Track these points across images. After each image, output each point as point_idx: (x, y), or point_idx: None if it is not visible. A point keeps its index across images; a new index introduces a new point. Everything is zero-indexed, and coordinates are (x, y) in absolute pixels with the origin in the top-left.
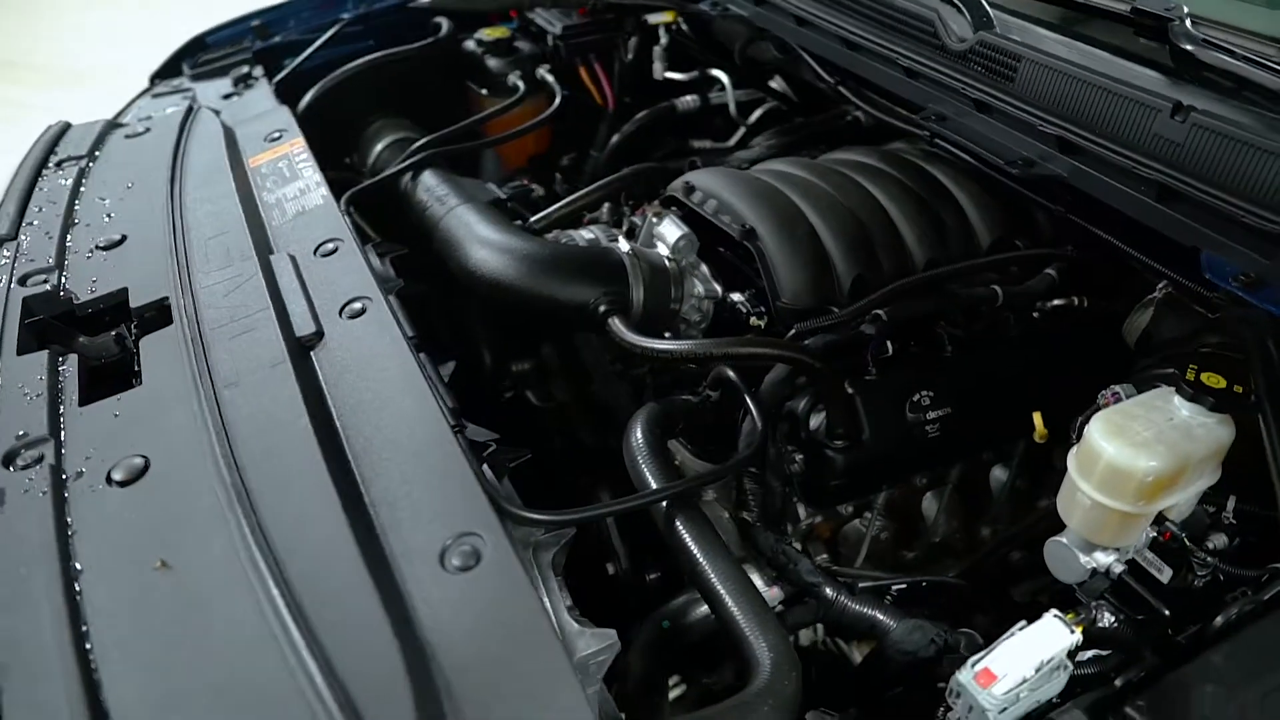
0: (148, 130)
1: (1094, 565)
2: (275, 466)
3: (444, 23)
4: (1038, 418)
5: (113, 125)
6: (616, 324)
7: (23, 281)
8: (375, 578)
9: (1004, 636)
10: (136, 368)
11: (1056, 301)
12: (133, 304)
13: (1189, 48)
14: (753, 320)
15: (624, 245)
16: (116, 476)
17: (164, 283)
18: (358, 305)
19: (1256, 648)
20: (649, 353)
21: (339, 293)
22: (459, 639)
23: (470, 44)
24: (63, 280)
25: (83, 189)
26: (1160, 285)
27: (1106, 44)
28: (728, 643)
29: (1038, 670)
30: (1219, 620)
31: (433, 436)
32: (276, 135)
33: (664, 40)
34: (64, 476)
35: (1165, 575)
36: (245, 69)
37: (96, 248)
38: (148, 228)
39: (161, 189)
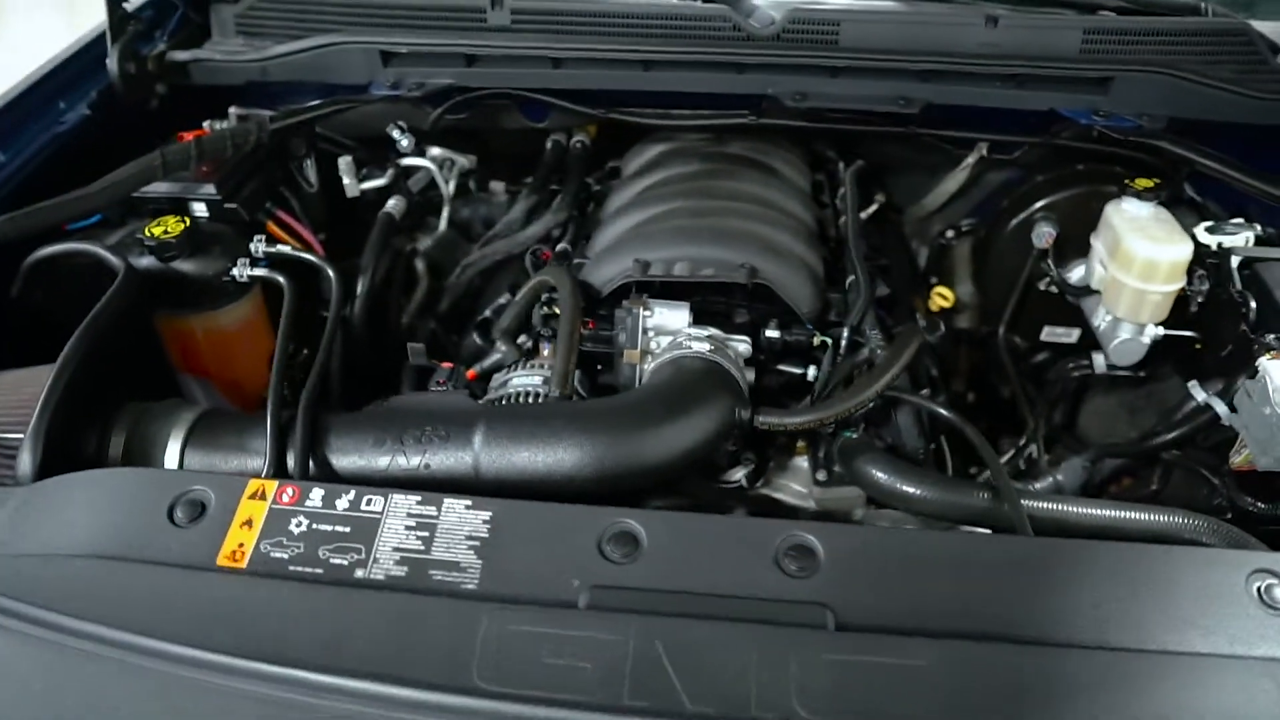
0: None
1: (1150, 339)
2: None
3: (116, 261)
4: (946, 290)
5: None
6: (771, 416)
7: None
8: None
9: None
10: None
11: (873, 207)
12: None
13: None
14: (816, 340)
15: (699, 346)
16: None
17: None
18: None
19: None
20: (830, 419)
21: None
22: None
23: (142, 260)
24: None
25: None
26: (976, 149)
27: None
28: None
29: None
30: None
31: None
32: (193, 511)
33: (405, 143)
34: None
35: None
36: None
37: None
38: None
39: None
